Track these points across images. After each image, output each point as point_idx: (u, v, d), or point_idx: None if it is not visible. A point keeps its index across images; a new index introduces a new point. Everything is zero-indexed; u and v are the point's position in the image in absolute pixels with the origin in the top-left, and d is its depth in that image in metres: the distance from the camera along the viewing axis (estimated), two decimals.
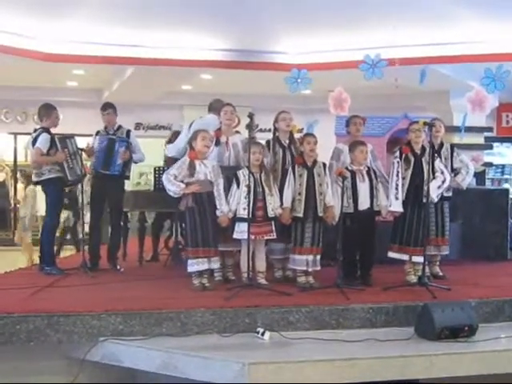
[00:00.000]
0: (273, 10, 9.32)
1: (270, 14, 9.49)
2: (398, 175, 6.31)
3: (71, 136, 7.31)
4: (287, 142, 6.55)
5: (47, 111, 7.29)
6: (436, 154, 6.56)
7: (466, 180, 7.03)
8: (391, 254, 6.42)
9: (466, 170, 7.03)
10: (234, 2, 9.00)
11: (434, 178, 6.32)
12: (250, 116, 5.93)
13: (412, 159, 6.35)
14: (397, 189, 6.27)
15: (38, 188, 8.06)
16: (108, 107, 7.52)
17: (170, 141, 8.07)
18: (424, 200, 6.13)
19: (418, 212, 6.26)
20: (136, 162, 7.74)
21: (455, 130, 9.96)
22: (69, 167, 7.12)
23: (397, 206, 6.26)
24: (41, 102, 7.48)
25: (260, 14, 9.47)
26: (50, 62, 10.61)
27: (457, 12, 9.13)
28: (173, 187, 5.99)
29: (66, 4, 9.05)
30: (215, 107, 7.12)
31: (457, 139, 9.74)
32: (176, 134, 7.90)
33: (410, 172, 6.32)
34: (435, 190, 6.35)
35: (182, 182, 5.98)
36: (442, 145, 7.01)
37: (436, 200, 6.47)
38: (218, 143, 6.39)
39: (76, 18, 9.61)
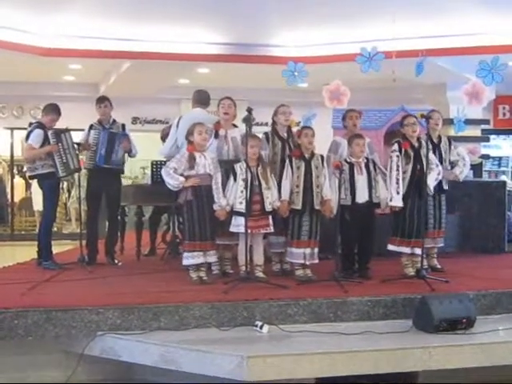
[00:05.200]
0: (270, 3, 9.29)
1: (267, 8, 9.46)
2: (398, 169, 6.28)
3: (66, 130, 7.25)
4: (285, 135, 6.55)
5: (48, 110, 7.27)
6: (435, 147, 6.57)
7: (464, 172, 7.06)
8: (392, 247, 6.40)
9: (463, 163, 7.05)
10: None
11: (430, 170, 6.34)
12: (249, 110, 5.91)
13: (412, 153, 6.34)
14: (397, 183, 6.25)
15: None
16: (105, 100, 7.49)
17: (162, 138, 8.00)
18: (428, 191, 6.18)
19: (419, 204, 6.26)
20: (131, 157, 7.73)
21: (452, 122, 9.96)
22: (62, 162, 7.07)
23: (397, 201, 6.25)
24: (37, 97, 7.48)
25: (257, 8, 9.44)
26: (46, 56, 10.58)
27: (454, 4, 9.12)
28: (172, 180, 5.98)
29: None
30: (199, 100, 7.13)
31: (453, 132, 9.73)
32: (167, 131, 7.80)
33: (410, 166, 6.32)
34: (433, 181, 6.39)
35: (182, 175, 5.98)
36: (440, 138, 6.99)
37: (433, 192, 6.49)
38: (216, 136, 6.38)
39: (72, 13, 9.58)
